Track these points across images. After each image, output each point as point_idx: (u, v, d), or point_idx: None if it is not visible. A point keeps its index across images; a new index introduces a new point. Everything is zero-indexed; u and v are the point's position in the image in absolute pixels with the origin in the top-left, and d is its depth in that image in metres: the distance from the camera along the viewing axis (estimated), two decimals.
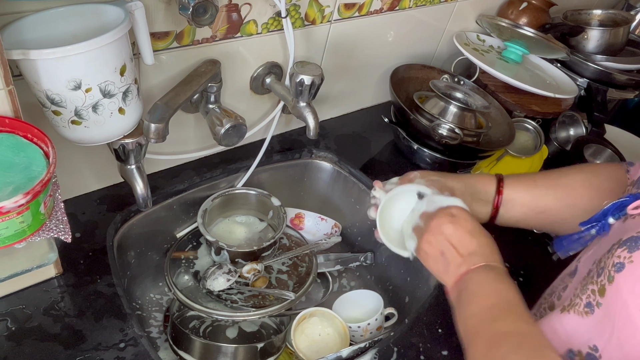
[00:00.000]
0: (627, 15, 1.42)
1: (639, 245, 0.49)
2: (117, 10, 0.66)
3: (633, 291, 0.47)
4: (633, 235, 0.50)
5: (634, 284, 0.47)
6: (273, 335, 0.94)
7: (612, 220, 0.57)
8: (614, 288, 0.49)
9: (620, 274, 0.48)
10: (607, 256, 0.52)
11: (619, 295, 0.48)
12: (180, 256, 0.96)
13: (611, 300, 0.49)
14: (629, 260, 0.48)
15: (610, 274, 0.50)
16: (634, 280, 0.47)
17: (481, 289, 0.59)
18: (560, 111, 1.23)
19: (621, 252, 0.50)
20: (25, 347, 0.68)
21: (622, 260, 0.49)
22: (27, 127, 0.60)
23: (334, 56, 1.07)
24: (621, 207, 0.57)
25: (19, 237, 0.58)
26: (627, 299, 0.47)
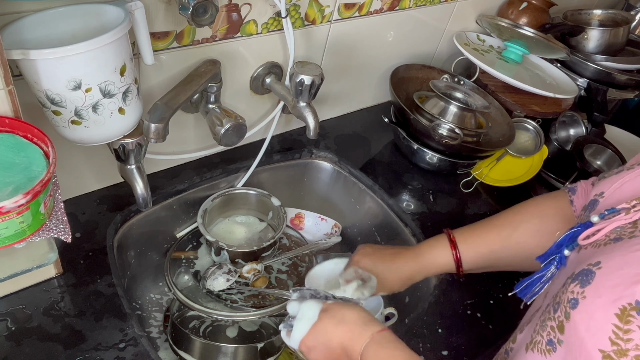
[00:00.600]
0: (627, 15, 1.42)
1: (589, 279, 0.47)
2: (117, 10, 0.66)
3: (589, 329, 0.45)
4: (584, 269, 0.48)
5: (589, 322, 0.45)
6: (273, 335, 0.94)
7: (567, 252, 0.56)
8: (571, 325, 0.47)
9: (575, 310, 0.47)
10: (562, 291, 0.50)
11: (576, 334, 0.46)
12: (180, 256, 0.96)
13: (570, 338, 0.48)
14: (582, 296, 0.47)
15: (566, 311, 0.48)
16: (588, 317, 0.46)
17: None
18: (560, 111, 1.23)
19: (574, 287, 0.48)
20: (25, 347, 0.68)
21: (575, 296, 0.47)
22: (27, 127, 0.60)
23: (334, 56, 1.07)
24: (573, 237, 0.56)
25: (19, 237, 0.58)
26: (584, 337, 0.45)
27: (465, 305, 0.89)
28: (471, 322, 0.87)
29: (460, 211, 1.08)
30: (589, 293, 0.46)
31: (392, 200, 1.06)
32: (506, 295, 0.92)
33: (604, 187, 0.59)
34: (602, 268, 0.47)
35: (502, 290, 0.93)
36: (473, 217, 1.07)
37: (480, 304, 0.90)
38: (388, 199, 1.07)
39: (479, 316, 0.88)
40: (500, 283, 0.94)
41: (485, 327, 0.87)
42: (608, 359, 0.43)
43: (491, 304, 0.90)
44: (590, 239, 0.52)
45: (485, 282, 0.93)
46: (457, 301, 0.89)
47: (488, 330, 0.86)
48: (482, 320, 0.88)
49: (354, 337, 0.62)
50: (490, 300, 0.91)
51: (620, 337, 0.42)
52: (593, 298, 0.46)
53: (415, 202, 1.07)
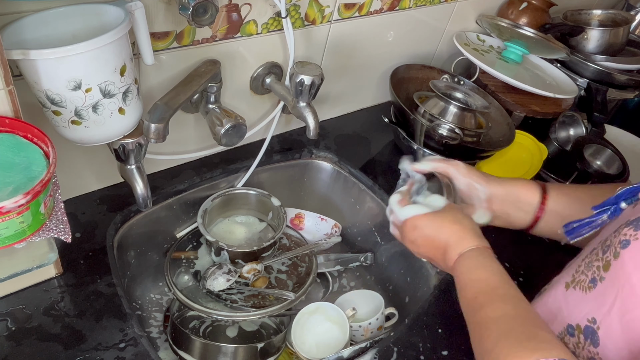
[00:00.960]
0: (627, 15, 1.42)
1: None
2: (117, 10, 0.66)
3: (637, 266, 0.48)
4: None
5: (637, 259, 0.48)
6: (273, 335, 0.94)
7: (624, 205, 0.58)
8: (618, 263, 0.50)
9: (626, 250, 0.50)
10: (613, 235, 0.53)
11: (623, 270, 0.49)
12: (180, 256, 0.96)
13: (615, 274, 0.51)
14: (635, 237, 0.49)
15: (616, 250, 0.51)
16: (638, 255, 0.49)
17: (464, 279, 0.63)
18: (560, 111, 1.23)
19: (627, 230, 0.51)
20: (25, 347, 0.68)
21: (627, 238, 0.50)
22: (27, 127, 0.60)
23: (334, 56, 1.07)
24: (634, 192, 0.57)
25: (19, 237, 0.58)
26: (631, 272, 0.48)
27: None
28: None
29: None
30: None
31: None
32: None
33: None
34: None
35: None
36: None
37: None
38: (388, 199, 1.07)
39: None
40: None
41: None
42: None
43: None
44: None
45: None
46: (457, 301, 0.89)
47: None
48: None
49: (461, 239, 0.65)
50: None
51: None
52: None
53: None
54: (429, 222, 0.69)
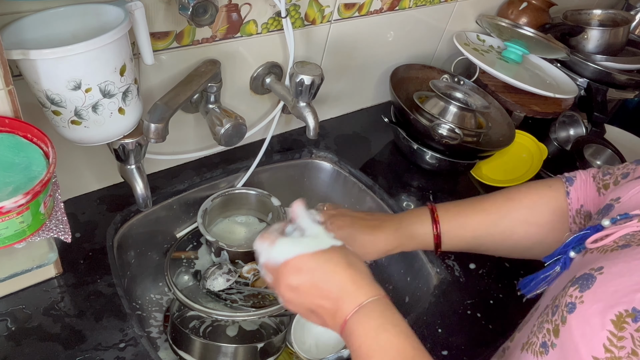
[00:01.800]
0: (627, 15, 1.42)
1: (589, 284, 0.46)
2: (117, 10, 0.66)
3: (584, 335, 0.44)
4: (585, 273, 0.48)
5: (584, 327, 0.45)
6: (273, 335, 0.94)
7: (572, 254, 0.55)
8: (566, 330, 0.47)
9: (572, 315, 0.46)
10: (561, 294, 0.49)
11: (571, 338, 0.46)
12: (180, 256, 0.96)
13: (564, 342, 0.47)
14: (580, 301, 0.46)
15: (563, 314, 0.47)
16: (584, 322, 0.45)
17: (367, 346, 0.51)
18: (560, 111, 1.23)
19: (573, 290, 0.47)
20: (25, 347, 0.68)
21: (573, 300, 0.46)
22: (27, 127, 0.60)
23: (334, 56, 1.07)
24: (581, 239, 0.54)
25: (19, 237, 0.58)
26: (578, 342, 0.45)
27: (465, 305, 0.89)
28: (471, 322, 0.87)
29: None
30: (587, 298, 0.45)
31: (392, 200, 1.06)
32: (506, 295, 0.92)
33: (621, 192, 0.57)
34: (603, 274, 0.46)
35: (502, 290, 0.93)
36: None
37: (480, 304, 0.90)
38: (388, 199, 1.07)
39: (479, 316, 0.88)
40: (500, 283, 0.94)
41: (485, 327, 0.87)
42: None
43: (491, 304, 0.90)
44: (598, 243, 0.51)
45: (485, 282, 0.94)
46: (457, 301, 0.89)
47: (488, 330, 0.86)
48: (482, 320, 0.88)
49: (358, 288, 0.53)
50: (490, 300, 0.91)
51: (614, 344, 0.42)
52: (591, 303, 0.45)
53: (415, 202, 1.07)
54: (319, 264, 0.54)
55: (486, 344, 0.85)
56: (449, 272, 0.94)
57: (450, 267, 0.95)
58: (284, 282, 0.55)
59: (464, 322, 0.87)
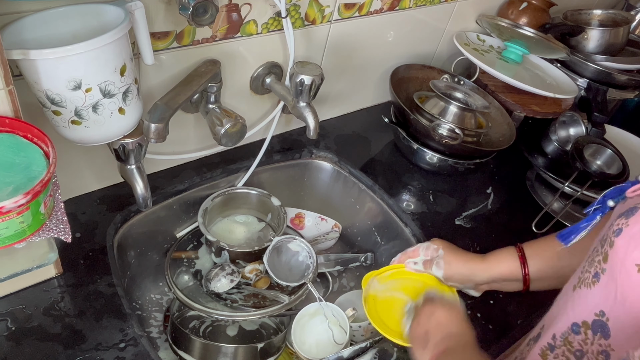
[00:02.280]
0: (627, 15, 1.42)
1: (634, 212, 0.52)
2: (117, 10, 0.66)
3: (627, 250, 0.50)
4: (630, 207, 0.53)
5: (629, 243, 0.50)
6: (273, 335, 0.94)
7: (611, 202, 0.60)
8: (614, 252, 0.52)
9: (619, 237, 0.52)
10: (608, 229, 0.55)
11: (618, 257, 0.51)
12: (180, 256, 0.96)
13: (613, 263, 0.52)
14: (626, 225, 0.52)
15: (611, 240, 0.53)
16: (628, 238, 0.51)
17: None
18: (560, 111, 1.23)
19: (619, 220, 0.53)
20: (25, 347, 0.68)
21: (620, 226, 0.52)
22: (27, 127, 0.60)
23: (334, 56, 1.07)
24: (620, 191, 0.59)
25: (19, 237, 0.58)
26: (624, 258, 0.50)
27: (465, 305, 0.89)
28: (471, 322, 0.87)
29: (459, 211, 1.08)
30: (633, 221, 0.51)
31: (392, 200, 1.06)
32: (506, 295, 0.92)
33: None
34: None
35: None
36: (473, 218, 1.07)
37: (480, 304, 0.90)
38: (388, 199, 1.07)
39: (479, 316, 0.88)
40: None
41: (485, 327, 0.87)
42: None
43: (491, 304, 0.90)
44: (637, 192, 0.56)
45: None
46: None
47: (488, 330, 0.86)
48: (482, 320, 0.88)
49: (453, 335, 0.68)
50: (490, 300, 0.91)
51: None
52: (635, 224, 0.51)
53: (415, 202, 1.07)
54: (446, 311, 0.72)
55: (486, 344, 0.85)
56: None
57: None
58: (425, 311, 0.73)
59: None
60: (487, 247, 0.84)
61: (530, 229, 1.03)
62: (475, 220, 1.06)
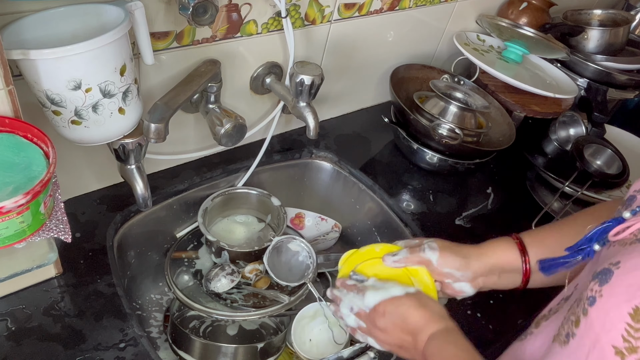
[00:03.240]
0: (627, 15, 1.42)
1: (608, 278, 0.48)
2: (117, 10, 0.66)
3: (604, 326, 0.46)
4: (604, 267, 0.49)
5: (604, 319, 0.47)
6: (273, 335, 0.94)
7: (597, 247, 0.56)
8: (587, 322, 0.49)
9: (592, 307, 0.48)
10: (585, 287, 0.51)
11: (592, 329, 0.48)
12: (181, 256, 0.96)
13: (585, 333, 0.49)
14: (599, 295, 0.48)
15: (584, 307, 0.49)
16: (604, 315, 0.47)
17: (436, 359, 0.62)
18: (560, 111, 1.23)
19: (593, 285, 0.49)
20: (25, 347, 0.68)
21: (594, 294, 0.48)
22: (27, 127, 0.60)
23: (334, 56, 1.07)
24: (604, 232, 0.55)
25: (19, 237, 0.58)
26: (599, 333, 0.47)
27: (465, 305, 0.89)
28: (471, 322, 0.87)
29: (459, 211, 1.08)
30: (606, 292, 0.47)
31: (392, 200, 1.06)
32: (506, 295, 0.92)
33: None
34: (620, 268, 0.48)
35: (502, 290, 0.93)
36: (473, 218, 1.07)
37: (480, 304, 0.90)
38: (388, 199, 1.07)
39: (479, 316, 0.88)
40: None
41: (485, 327, 0.87)
42: (620, 354, 0.45)
43: (491, 304, 0.90)
44: (619, 236, 0.52)
45: None
46: (457, 301, 0.89)
47: (488, 330, 0.86)
48: (482, 320, 0.88)
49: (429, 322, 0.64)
50: (490, 300, 0.91)
51: (632, 334, 0.44)
52: (609, 297, 0.47)
53: (415, 202, 1.07)
54: (397, 307, 0.67)
55: (486, 344, 0.85)
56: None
57: None
58: (375, 325, 0.68)
59: (464, 322, 0.87)
60: None
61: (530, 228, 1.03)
62: (475, 220, 1.06)
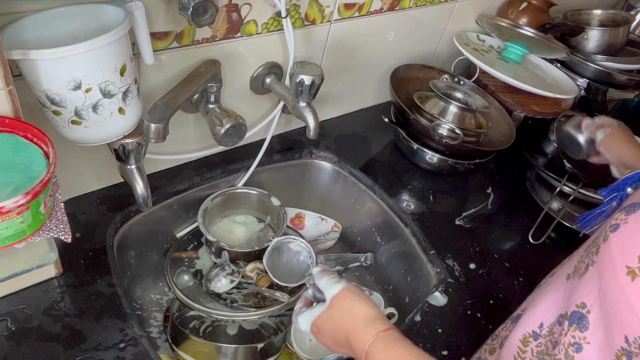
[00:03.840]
0: (627, 15, 1.42)
1: (636, 209, 0.50)
2: (117, 10, 0.66)
3: (622, 249, 0.48)
4: (634, 202, 0.51)
5: (624, 243, 0.48)
6: (273, 335, 0.94)
7: (630, 190, 0.58)
8: (606, 246, 0.50)
9: (614, 233, 0.50)
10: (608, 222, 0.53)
11: (609, 253, 0.50)
12: (181, 256, 0.96)
13: (603, 257, 0.51)
14: (624, 222, 0.50)
15: (605, 234, 0.51)
16: (624, 238, 0.49)
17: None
18: (560, 111, 1.23)
19: (619, 215, 0.51)
20: (25, 347, 0.68)
21: (618, 222, 0.50)
22: (27, 127, 0.60)
23: (334, 56, 1.07)
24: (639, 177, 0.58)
25: (19, 237, 0.58)
26: (615, 256, 0.49)
27: (465, 305, 0.89)
28: (471, 322, 0.87)
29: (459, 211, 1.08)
30: (632, 219, 0.49)
31: (392, 200, 1.06)
32: (506, 295, 0.93)
33: None
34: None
35: (502, 290, 0.93)
36: (473, 218, 1.07)
37: (480, 304, 0.90)
38: (388, 199, 1.07)
39: (479, 316, 0.88)
40: (500, 283, 0.94)
41: (485, 327, 0.87)
42: (631, 274, 0.46)
43: (491, 304, 0.90)
44: None
45: (485, 282, 0.94)
46: (457, 301, 0.89)
47: (488, 330, 0.86)
48: (482, 320, 0.88)
49: (358, 333, 0.60)
50: (490, 300, 0.91)
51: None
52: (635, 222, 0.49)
53: (415, 202, 1.07)
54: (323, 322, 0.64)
55: None
56: (449, 272, 0.94)
57: (450, 267, 0.95)
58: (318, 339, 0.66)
59: (464, 322, 0.87)
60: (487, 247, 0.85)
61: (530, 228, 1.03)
62: (475, 220, 1.06)
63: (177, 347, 0.86)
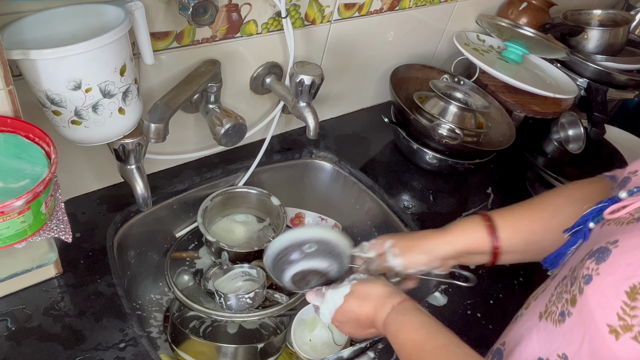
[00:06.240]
0: (627, 15, 1.42)
1: (605, 257, 0.48)
2: (117, 10, 0.66)
3: (599, 304, 0.47)
4: (602, 246, 0.49)
5: (600, 298, 0.47)
6: (273, 335, 0.94)
7: (592, 224, 0.56)
8: (583, 300, 0.49)
9: (588, 286, 0.48)
10: (579, 266, 0.51)
11: (588, 308, 0.48)
12: (181, 256, 0.96)
13: (581, 311, 0.49)
14: (596, 273, 0.48)
15: (580, 285, 0.49)
16: (600, 293, 0.47)
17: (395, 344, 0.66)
18: (560, 111, 1.23)
19: (590, 263, 0.49)
20: (25, 347, 0.68)
21: (590, 272, 0.49)
22: (29, 127, 0.60)
23: (334, 56, 1.07)
24: (600, 211, 0.56)
25: (20, 237, 0.58)
26: (594, 311, 0.47)
27: (465, 305, 0.89)
28: (471, 322, 0.87)
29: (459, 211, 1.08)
30: (603, 270, 0.48)
31: (392, 200, 1.06)
32: (506, 295, 0.92)
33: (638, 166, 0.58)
34: (618, 247, 0.48)
35: (502, 290, 0.93)
36: None
37: (480, 304, 0.90)
38: (388, 199, 1.07)
39: (478, 316, 0.88)
40: (500, 283, 0.94)
41: (485, 327, 0.87)
42: (614, 332, 0.45)
43: (491, 304, 0.90)
44: (615, 215, 0.53)
45: (485, 282, 0.94)
46: (457, 301, 0.89)
47: (488, 330, 0.86)
48: (482, 320, 0.88)
49: (377, 310, 0.67)
50: (490, 300, 0.91)
51: (627, 313, 0.44)
52: (606, 275, 0.47)
53: (415, 202, 1.07)
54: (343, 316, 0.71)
55: (486, 344, 0.84)
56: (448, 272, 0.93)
57: None
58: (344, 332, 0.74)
59: (464, 322, 0.87)
60: None
61: None
62: None
63: (177, 347, 0.86)
